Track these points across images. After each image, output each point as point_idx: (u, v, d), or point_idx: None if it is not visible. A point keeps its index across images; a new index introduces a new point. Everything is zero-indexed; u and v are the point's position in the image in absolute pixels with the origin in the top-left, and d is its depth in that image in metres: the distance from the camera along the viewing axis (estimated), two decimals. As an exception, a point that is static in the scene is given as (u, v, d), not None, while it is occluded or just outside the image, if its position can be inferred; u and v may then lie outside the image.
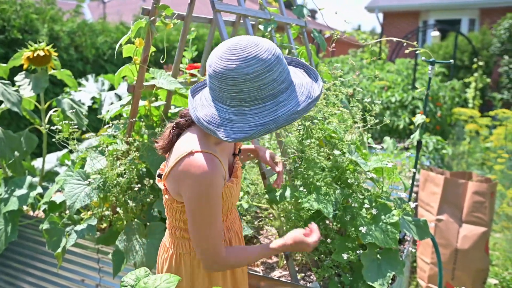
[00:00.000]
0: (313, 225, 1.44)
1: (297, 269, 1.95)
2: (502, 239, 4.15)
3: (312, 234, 1.41)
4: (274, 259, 2.04)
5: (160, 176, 1.42)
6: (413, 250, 2.03)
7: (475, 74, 6.37)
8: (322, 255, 1.90)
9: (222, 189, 1.30)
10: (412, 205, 1.76)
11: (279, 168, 1.68)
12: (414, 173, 2.16)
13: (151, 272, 1.10)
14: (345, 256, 1.67)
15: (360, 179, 1.90)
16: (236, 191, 1.41)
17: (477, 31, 12.14)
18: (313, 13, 18.96)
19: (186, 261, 1.41)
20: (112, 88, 3.39)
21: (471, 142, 5.67)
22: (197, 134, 1.30)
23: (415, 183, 3.53)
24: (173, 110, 2.41)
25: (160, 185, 1.38)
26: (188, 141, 1.28)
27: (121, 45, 1.92)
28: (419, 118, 2.17)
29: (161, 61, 1.98)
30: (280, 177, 1.68)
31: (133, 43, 1.94)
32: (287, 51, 2.39)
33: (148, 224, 1.98)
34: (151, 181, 1.92)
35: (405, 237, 2.22)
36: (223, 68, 1.15)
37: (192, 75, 2.34)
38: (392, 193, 2.06)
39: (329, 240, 1.78)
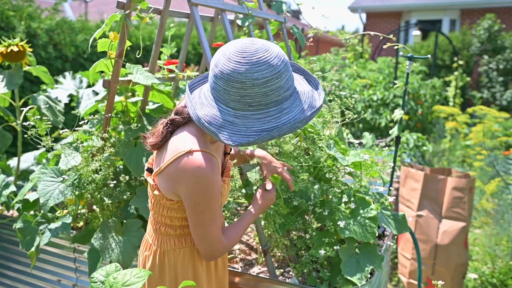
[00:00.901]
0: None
1: (276, 265, 1.94)
2: (481, 235, 4.21)
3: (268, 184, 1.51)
4: (253, 255, 2.02)
5: (149, 170, 1.39)
6: (392, 244, 2.03)
7: (455, 73, 6.46)
8: (301, 251, 1.89)
9: (221, 187, 1.30)
10: (390, 199, 1.76)
11: (287, 175, 1.63)
12: (393, 167, 2.16)
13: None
14: (322, 252, 1.66)
15: (339, 173, 1.90)
16: (226, 190, 1.43)
17: (457, 31, 12.32)
18: (297, 13, 19.05)
19: (170, 258, 1.40)
20: (90, 85, 3.33)
21: (451, 140, 5.74)
22: (194, 132, 1.28)
23: (396, 179, 3.56)
24: (151, 106, 2.38)
25: (149, 179, 1.35)
26: (185, 139, 1.26)
27: (95, 39, 1.88)
28: (398, 113, 2.18)
29: (137, 56, 1.95)
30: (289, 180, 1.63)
31: (108, 37, 1.90)
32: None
33: (124, 221, 1.95)
34: (127, 177, 1.88)
35: (385, 232, 2.23)
36: (231, 70, 1.13)
37: (170, 71, 2.31)
38: (372, 189, 2.06)
39: (307, 236, 1.77)
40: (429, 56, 2.15)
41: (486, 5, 12.43)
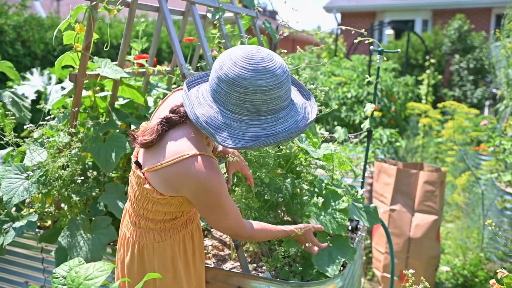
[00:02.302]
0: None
1: (249, 260, 1.93)
2: (453, 229, 4.29)
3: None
4: (226, 251, 2.00)
5: (137, 163, 1.36)
6: (364, 235, 2.04)
7: (428, 71, 6.58)
8: (274, 245, 1.88)
9: (225, 183, 1.31)
10: (361, 191, 1.77)
11: (248, 172, 1.72)
12: (365, 160, 2.18)
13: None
14: (293, 250, 1.65)
15: (310, 167, 1.89)
16: None
17: (430, 31, 12.58)
18: (273, 14, 19.10)
19: (149, 252, 1.40)
20: (60, 82, 3.25)
21: (424, 137, 5.85)
22: (192, 133, 1.28)
23: (370, 175, 3.59)
24: (121, 102, 2.33)
25: (139, 173, 1.32)
26: (187, 141, 1.26)
27: (60, 31, 1.82)
28: (369, 107, 2.19)
29: (105, 49, 1.90)
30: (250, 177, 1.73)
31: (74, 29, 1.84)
32: (239, 42, 2.36)
33: (93, 218, 1.90)
34: (95, 173, 1.84)
35: (358, 226, 2.24)
36: (236, 75, 1.16)
37: (140, 65, 2.26)
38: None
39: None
40: (399, 50, 2.17)
41: (456, 6, 12.74)
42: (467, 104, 9.57)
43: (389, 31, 8.14)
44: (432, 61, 6.56)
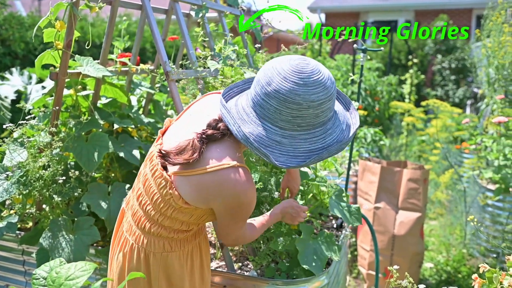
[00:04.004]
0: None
1: (234, 259, 1.92)
2: (437, 226, 4.35)
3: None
4: (212, 250, 1.99)
5: (163, 166, 1.25)
6: (348, 232, 2.05)
7: (411, 71, 6.66)
8: (259, 244, 1.87)
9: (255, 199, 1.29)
10: (338, 181, 1.78)
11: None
12: (350, 158, 2.19)
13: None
14: (280, 239, 1.65)
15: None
16: None
17: (404, 31, 12.72)
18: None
19: (156, 261, 1.30)
20: (41, 81, 3.20)
21: (408, 136, 5.91)
22: (230, 146, 1.21)
23: (355, 173, 3.62)
24: (104, 101, 2.30)
25: (165, 175, 1.22)
26: (224, 152, 1.20)
27: (40, 28, 1.79)
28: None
29: (87, 47, 1.87)
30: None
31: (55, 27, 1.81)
32: (223, 41, 2.35)
33: (76, 219, 1.87)
34: (77, 172, 1.81)
35: (343, 224, 2.25)
36: (288, 91, 1.12)
37: (123, 64, 2.24)
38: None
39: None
40: (382, 48, 2.19)
41: (439, 7, 12.91)
42: (449, 103, 9.71)
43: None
44: (415, 61, 6.64)
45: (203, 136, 1.20)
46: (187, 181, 1.19)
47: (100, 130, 2.04)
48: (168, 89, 2.37)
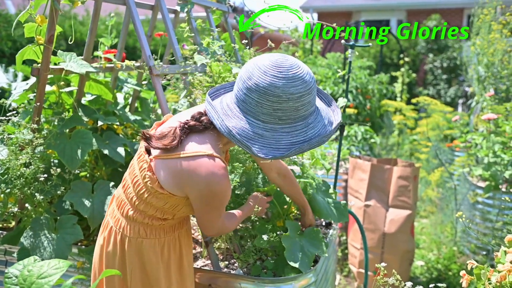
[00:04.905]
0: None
1: (221, 257, 1.89)
2: (428, 224, 4.35)
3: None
4: (198, 249, 1.96)
5: (147, 150, 1.33)
6: (336, 229, 2.03)
7: (402, 69, 6.66)
8: (245, 241, 1.85)
9: (230, 192, 1.32)
10: (327, 179, 1.76)
11: None
12: (338, 155, 2.17)
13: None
14: (265, 237, 1.62)
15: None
16: None
17: (405, 31, 12.77)
18: (249, 14, 19.01)
19: (131, 246, 1.34)
20: (27, 79, 3.15)
21: (400, 134, 5.91)
22: (212, 139, 1.27)
23: (345, 171, 3.60)
24: (89, 98, 2.26)
25: (146, 157, 1.29)
26: (204, 143, 1.25)
27: (20, 23, 1.75)
28: (341, 102, 2.19)
29: (69, 42, 1.84)
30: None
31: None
32: (211, 36, 2.33)
33: (58, 218, 1.83)
34: (59, 170, 1.77)
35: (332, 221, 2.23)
36: (268, 84, 1.16)
37: (107, 60, 2.20)
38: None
39: (251, 225, 1.73)
40: (370, 44, 2.17)
41: (431, 7, 12.98)
42: (441, 102, 9.75)
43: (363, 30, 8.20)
44: (407, 59, 6.64)
45: (185, 126, 1.27)
46: (165, 166, 1.25)
47: (84, 127, 2.00)
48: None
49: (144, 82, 2.55)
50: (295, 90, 1.17)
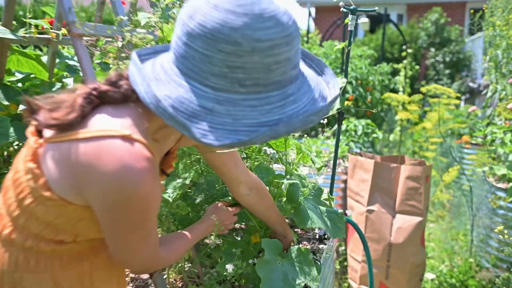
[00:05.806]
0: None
1: (180, 284, 1.42)
2: (436, 229, 3.88)
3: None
4: (145, 275, 1.49)
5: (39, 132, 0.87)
6: (332, 244, 1.56)
7: (405, 61, 6.24)
8: (204, 267, 1.38)
9: (160, 198, 0.86)
10: (320, 180, 1.31)
11: None
12: (336, 148, 1.70)
13: None
14: (229, 267, 1.14)
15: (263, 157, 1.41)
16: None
17: (405, 25, 12.44)
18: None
19: (4, 283, 0.85)
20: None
21: (402, 131, 5.48)
22: (133, 113, 0.83)
23: (344, 170, 3.13)
24: (19, 77, 1.80)
25: (32, 142, 0.84)
26: (119, 120, 0.80)
27: None
28: (340, 81, 1.72)
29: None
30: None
31: None
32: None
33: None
34: None
35: (326, 234, 1.77)
36: (219, 23, 0.72)
37: (41, 28, 1.73)
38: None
39: (210, 242, 1.24)
40: (376, 8, 1.71)
41: (431, 0, 12.65)
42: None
43: (363, 19, 7.78)
44: (409, 51, 6.20)
45: (93, 92, 0.83)
46: (57, 152, 0.79)
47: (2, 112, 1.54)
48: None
49: (97, 62, 2.08)
50: (264, 35, 0.72)
